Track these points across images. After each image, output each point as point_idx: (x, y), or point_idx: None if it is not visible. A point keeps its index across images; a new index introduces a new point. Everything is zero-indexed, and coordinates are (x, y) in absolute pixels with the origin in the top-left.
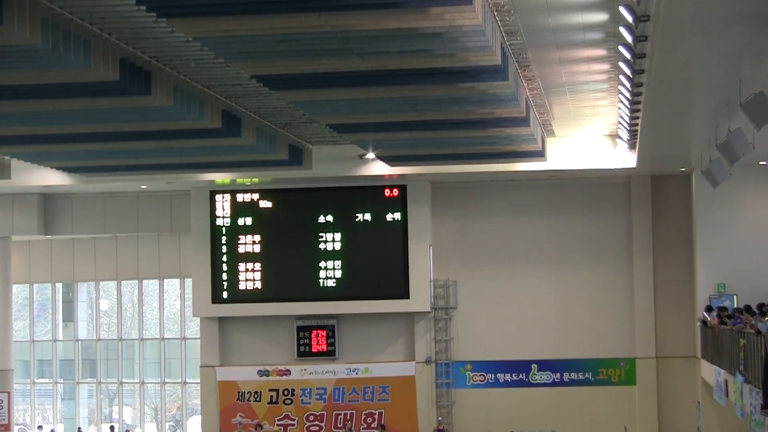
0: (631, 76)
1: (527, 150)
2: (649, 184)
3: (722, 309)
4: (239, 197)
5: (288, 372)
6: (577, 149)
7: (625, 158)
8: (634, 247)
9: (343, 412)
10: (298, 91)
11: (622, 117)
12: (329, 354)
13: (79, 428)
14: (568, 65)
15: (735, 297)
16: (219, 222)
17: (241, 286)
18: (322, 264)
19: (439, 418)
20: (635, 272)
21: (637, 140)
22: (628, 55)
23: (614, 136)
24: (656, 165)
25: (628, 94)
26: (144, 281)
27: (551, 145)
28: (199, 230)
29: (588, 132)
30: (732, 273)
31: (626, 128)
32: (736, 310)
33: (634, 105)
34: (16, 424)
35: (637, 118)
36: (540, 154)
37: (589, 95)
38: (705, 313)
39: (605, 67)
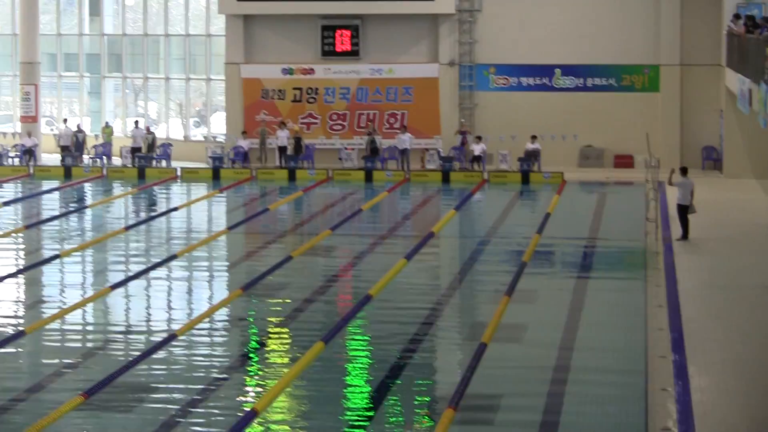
0: None
1: None
2: None
3: (750, 17)
4: None
5: (312, 71)
6: None
7: None
8: None
9: (365, 112)
10: None
11: None
12: (353, 54)
13: (107, 122)
14: None
15: (763, 6)
16: None
17: None
18: None
19: (462, 120)
20: None
21: None
22: None
23: None
24: None
25: None
26: None
27: None
28: None
29: None
30: None
31: None
32: (764, 19)
33: None
34: (44, 116)
35: None
36: None
37: None
38: (731, 21)
39: None
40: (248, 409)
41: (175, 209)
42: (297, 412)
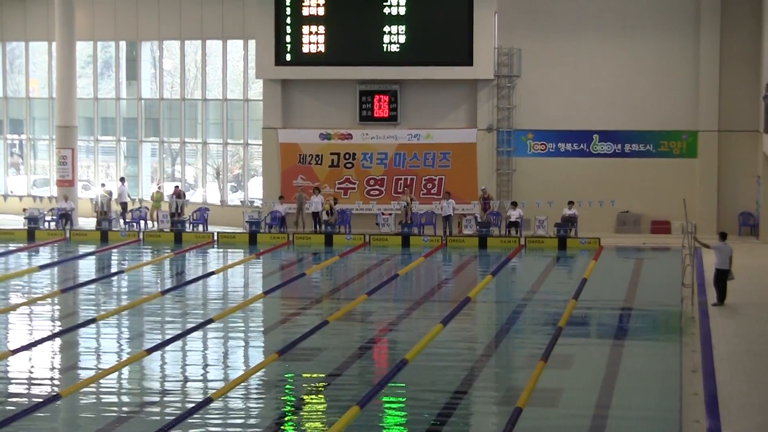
0: None
1: None
2: None
3: None
4: None
5: (350, 136)
6: None
7: None
8: (701, 18)
9: (403, 177)
10: None
11: None
12: (391, 119)
13: (158, 187)
14: None
15: None
16: None
17: (305, 48)
18: (386, 29)
19: (483, 188)
20: (701, 44)
21: None
22: None
23: None
24: None
25: None
26: (207, 41)
27: None
28: None
29: None
30: None
31: None
32: None
33: None
34: (80, 180)
35: None
36: None
37: None
38: None
39: None
40: None
41: (212, 273)
42: None
